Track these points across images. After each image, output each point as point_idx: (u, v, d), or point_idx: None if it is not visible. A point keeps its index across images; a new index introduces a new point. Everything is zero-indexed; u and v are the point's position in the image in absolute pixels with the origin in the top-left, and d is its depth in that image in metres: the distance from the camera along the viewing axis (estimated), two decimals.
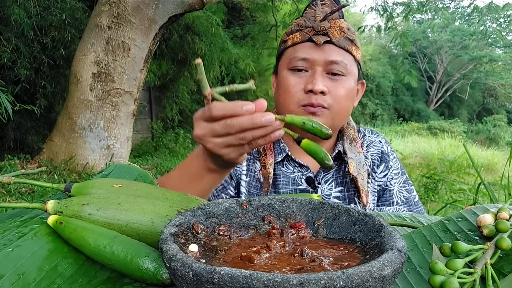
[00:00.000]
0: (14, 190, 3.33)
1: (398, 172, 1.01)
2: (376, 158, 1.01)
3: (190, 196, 0.57)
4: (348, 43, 0.90)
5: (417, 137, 14.38)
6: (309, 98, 0.87)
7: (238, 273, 0.28)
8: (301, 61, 0.89)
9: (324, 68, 0.88)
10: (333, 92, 0.88)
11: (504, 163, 8.57)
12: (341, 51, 0.89)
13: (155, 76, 6.36)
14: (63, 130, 4.09)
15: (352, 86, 0.91)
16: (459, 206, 2.82)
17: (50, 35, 4.47)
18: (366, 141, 1.03)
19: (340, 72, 0.89)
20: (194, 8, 4.32)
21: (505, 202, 0.61)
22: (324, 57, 0.88)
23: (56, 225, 0.46)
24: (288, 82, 0.90)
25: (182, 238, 0.38)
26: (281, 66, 0.94)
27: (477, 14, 16.57)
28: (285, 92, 0.91)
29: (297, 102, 0.89)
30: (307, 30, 0.90)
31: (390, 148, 1.04)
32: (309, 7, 0.93)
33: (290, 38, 0.92)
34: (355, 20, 20.10)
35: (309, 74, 0.89)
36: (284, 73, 0.92)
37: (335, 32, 0.88)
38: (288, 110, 0.90)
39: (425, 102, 23.20)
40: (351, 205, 0.96)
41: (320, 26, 0.88)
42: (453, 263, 0.38)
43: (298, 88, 0.89)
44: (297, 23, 0.93)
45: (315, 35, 0.88)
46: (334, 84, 0.89)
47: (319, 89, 0.86)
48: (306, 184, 0.95)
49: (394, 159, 1.02)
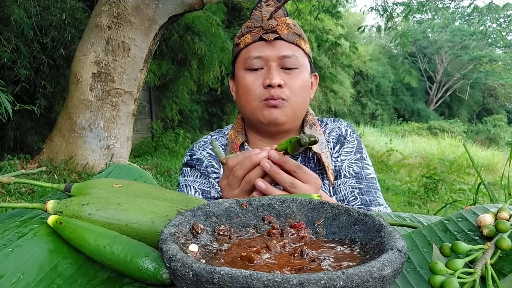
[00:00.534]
0: (14, 190, 3.34)
1: (351, 151, 1.03)
2: (334, 142, 1.04)
3: (190, 196, 0.57)
4: (296, 37, 0.96)
5: (417, 137, 14.39)
6: (268, 92, 0.92)
7: (238, 273, 0.28)
8: (255, 60, 0.93)
9: (278, 63, 0.93)
10: (290, 84, 0.93)
11: (504, 163, 8.58)
12: (291, 45, 0.95)
13: (155, 76, 6.36)
14: (63, 130, 4.09)
15: (306, 78, 0.97)
16: (459, 206, 2.82)
17: (50, 35, 4.47)
18: (328, 129, 1.06)
19: (294, 66, 0.94)
20: (194, 8, 4.32)
21: (505, 202, 0.61)
22: (276, 52, 0.93)
23: (56, 225, 0.46)
24: (246, 81, 0.95)
25: (182, 238, 0.38)
26: (238, 68, 0.98)
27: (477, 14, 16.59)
28: (245, 91, 0.95)
29: (258, 98, 0.93)
30: (256, 30, 0.95)
31: (350, 130, 1.06)
32: (255, 9, 0.98)
33: (242, 40, 0.97)
34: (355, 20, 20.07)
35: (265, 70, 0.94)
36: (241, 73, 0.96)
37: (283, 29, 0.94)
38: (251, 107, 0.94)
39: (425, 102, 23.21)
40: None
41: (268, 24, 0.94)
42: (453, 263, 0.38)
43: (257, 85, 0.93)
44: (246, 25, 0.98)
45: (265, 34, 0.94)
46: (289, 77, 0.93)
47: (276, 83, 0.90)
48: None
49: (351, 139, 1.04)
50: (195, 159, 1.04)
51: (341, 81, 15.15)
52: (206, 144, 1.07)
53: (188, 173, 1.04)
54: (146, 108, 7.82)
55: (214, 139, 1.08)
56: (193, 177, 1.02)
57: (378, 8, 7.76)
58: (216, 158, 1.03)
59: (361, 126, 15.59)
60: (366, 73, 18.58)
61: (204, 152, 1.04)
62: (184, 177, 1.04)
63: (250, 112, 0.96)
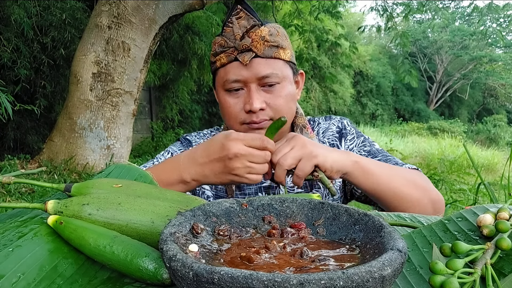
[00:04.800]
0: (14, 190, 3.33)
1: (353, 137, 1.04)
2: (334, 139, 1.03)
3: (190, 196, 0.57)
4: (274, 50, 0.90)
5: (417, 137, 14.38)
6: (250, 117, 0.90)
7: (238, 273, 0.28)
8: (234, 83, 0.91)
9: (257, 83, 0.90)
10: (272, 103, 0.91)
11: (504, 163, 8.57)
12: (269, 61, 0.90)
13: (155, 76, 6.36)
14: (63, 130, 4.09)
15: (289, 90, 0.94)
16: (459, 206, 2.82)
17: (50, 35, 4.47)
18: (322, 129, 1.05)
19: (274, 82, 0.90)
20: (194, 8, 4.31)
21: (505, 202, 0.61)
22: (254, 73, 0.89)
23: (56, 225, 0.46)
24: (227, 104, 0.93)
25: (182, 238, 0.38)
26: (218, 86, 0.97)
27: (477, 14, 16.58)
28: (227, 113, 0.94)
29: (240, 122, 0.92)
30: (230, 50, 0.90)
31: (346, 121, 1.07)
32: (226, 25, 0.92)
33: (217, 59, 0.94)
34: (355, 20, 20.07)
35: (245, 92, 0.91)
36: (222, 94, 0.94)
37: (258, 46, 0.89)
38: (234, 128, 0.93)
39: (425, 102, 23.20)
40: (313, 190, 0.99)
41: (242, 45, 0.89)
42: (453, 263, 0.38)
43: (237, 108, 0.91)
44: (219, 43, 0.93)
45: (240, 54, 0.89)
46: (271, 96, 0.91)
47: (257, 108, 0.89)
48: (269, 180, 0.96)
49: (350, 128, 1.05)
50: (186, 140, 1.06)
51: (341, 81, 15.15)
52: (205, 137, 1.07)
53: (176, 144, 1.06)
54: (146, 108, 7.82)
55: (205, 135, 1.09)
56: (177, 147, 1.04)
57: (378, 8, 7.76)
58: None
59: (361, 126, 15.58)
60: (366, 73, 18.57)
61: (200, 141, 1.05)
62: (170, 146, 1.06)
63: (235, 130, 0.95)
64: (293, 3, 7.36)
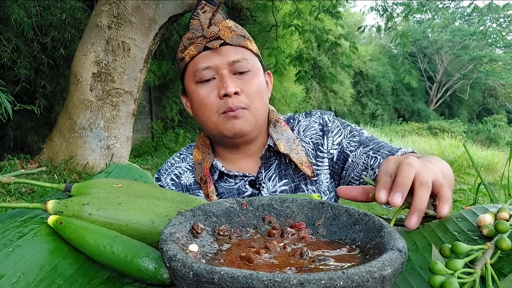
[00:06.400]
0: (14, 190, 3.33)
1: (339, 130, 0.98)
2: (317, 138, 0.98)
3: (190, 196, 0.57)
4: (241, 39, 0.91)
5: (417, 137, 14.38)
6: (226, 103, 0.87)
7: (238, 273, 0.28)
8: (205, 71, 0.89)
9: (229, 70, 0.89)
10: (246, 90, 0.89)
11: (504, 163, 8.57)
12: (238, 48, 0.90)
13: (155, 76, 6.36)
14: (63, 130, 4.09)
15: (261, 79, 0.93)
16: (459, 206, 2.82)
17: (50, 35, 4.47)
18: (302, 126, 1.01)
19: (245, 69, 0.90)
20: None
21: (505, 202, 0.61)
22: (225, 59, 0.88)
23: (56, 225, 0.47)
24: (200, 95, 0.90)
25: (182, 238, 0.38)
26: (188, 83, 0.93)
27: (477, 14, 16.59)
28: (201, 105, 0.90)
29: (217, 111, 0.89)
30: (199, 40, 0.90)
31: (328, 116, 1.01)
32: (192, 18, 0.93)
33: (186, 53, 0.92)
34: (355, 20, 20.07)
35: (218, 80, 0.89)
36: (193, 87, 0.91)
37: (226, 33, 0.90)
38: (212, 122, 0.90)
39: (425, 102, 23.20)
40: (298, 193, 0.94)
41: (210, 32, 0.89)
42: (453, 263, 0.38)
43: (212, 97, 0.89)
44: (187, 37, 0.93)
45: (208, 42, 0.89)
46: (244, 82, 0.89)
47: (232, 91, 0.86)
48: (250, 188, 0.95)
49: (333, 123, 0.99)
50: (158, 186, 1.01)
51: (341, 81, 15.15)
52: (173, 166, 1.01)
53: None
54: (146, 108, 7.82)
55: (182, 158, 1.02)
56: None
57: (378, 8, 7.76)
58: (178, 187, 0.98)
59: (361, 126, 15.56)
60: (366, 73, 18.58)
61: (168, 178, 0.99)
62: None
63: (212, 127, 0.91)
64: (293, 3, 7.37)
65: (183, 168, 1.00)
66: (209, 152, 0.98)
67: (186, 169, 1.00)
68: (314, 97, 14.31)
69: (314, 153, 0.97)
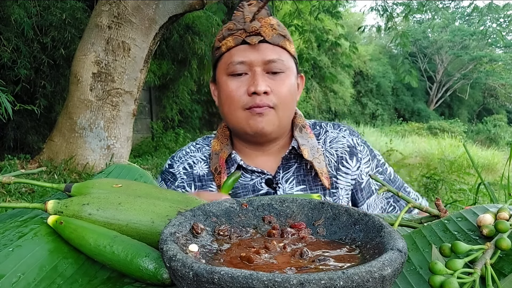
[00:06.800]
0: (14, 190, 3.33)
1: (368, 160, 0.98)
2: (343, 152, 0.97)
3: (190, 196, 0.57)
4: (281, 39, 0.90)
5: (417, 137, 14.38)
6: (253, 100, 0.87)
7: (238, 273, 0.28)
8: (239, 65, 0.88)
9: (263, 68, 0.88)
10: (276, 90, 0.88)
11: (504, 163, 8.57)
12: (276, 48, 0.89)
13: (155, 76, 6.36)
14: (63, 130, 4.09)
15: (293, 82, 0.92)
16: (459, 206, 2.82)
17: (50, 35, 4.47)
18: (329, 137, 1.00)
19: (279, 70, 0.89)
20: (194, 8, 4.31)
21: (505, 202, 0.61)
22: (261, 57, 0.88)
23: (56, 225, 0.47)
24: (229, 88, 0.89)
25: (182, 238, 0.38)
26: (219, 73, 0.93)
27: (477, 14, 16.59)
28: (228, 98, 0.90)
29: (242, 106, 0.88)
30: (239, 33, 0.89)
31: (356, 139, 1.00)
32: (237, 10, 0.93)
33: (223, 43, 0.91)
34: (355, 20, 20.06)
35: (249, 76, 0.88)
36: (224, 79, 0.91)
37: (267, 31, 0.89)
38: (235, 116, 0.89)
39: (425, 102, 23.20)
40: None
41: (251, 26, 0.88)
42: (453, 263, 0.38)
43: (240, 92, 0.88)
44: (227, 27, 0.92)
45: (248, 37, 0.88)
46: (275, 83, 0.89)
47: (262, 90, 0.86)
48: (266, 187, 0.94)
49: (362, 148, 0.99)
50: (170, 173, 0.98)
51: (341, 81, 15.14)
52: (188, 155, 0.99)
53: (162, 185, 0.99)
54: (146, 108, 7.82)
55: (198, 148, 1.01)
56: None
57: (378, 8, 7.76)
58: (190, 177, 0.96)
59: (361, 126, 15.59)
60: (366, 73, 18.57)
61: (181, 167, 0.98)
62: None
63: (234, 121, 0.91)
64: (293, 3, 7.36)
65: (197, 158, 0.99)
66: (227, 143, 0.97)
67: (201, 159, 0.99)
68: (314, 97, 14.30)
69: (337, 165, 0.96)
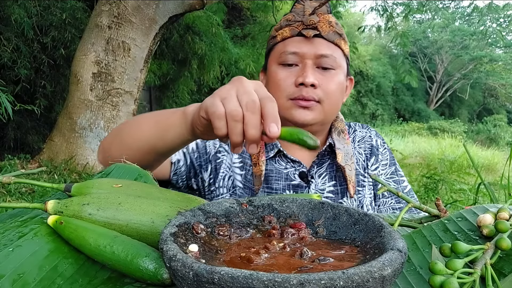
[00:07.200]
0: (14, 190, 3.33)
1: (386, 164, 1.00)
2: (367, 152, 1.00)
3: (190, 196, 0.57)
4: (337, 37, 0.90)
5: (417, 137, 14.39)
6: (300, 91, 0.87)
7: (238, 273, 0.28)
8: (291, 55, 0.89)
9: (314, 62, 0.88)
10: (324, 85, 0.88)
11: (504, 163, 8.57)
12: (330, 45, 0.89)
13: (155, 76, 6.36)
14: (63, 130, 4.09)
15: (342, 80, 0.92)
16: (459, 206, 2.82)
17: (50, 35, 4.47)
18: (358, 136, 1.02)
19: (330, 66, 0.89)
20: (195, 8, 4.32)
21: (505, 202, 0.61)
22: (314, 50, 0.88)
23: (56, 225, 0.46)
24: (278, 76, 0.90)
25: (182, 238, 0.38)
26: (271, 61, 0.94)
27: (477, 14, 16.59)
28: (275, 86, 0.90)
29: (287, 96, 0.88)
30: (296, 24, 0.90)
31: (381, 141, 1.03)
32: (298, 2, 0.94)
33: (279, 33, 0.92)
34: (355, 20, 20.08)
35: (299, 68, 0.89)
36: (274, 68, 0.91)
37: (324, 26, 0.89)
38: (279, 104, 0.84)
39: (425, 102, 23.20)
40: (343, 199, 0.95)
41: (309, 20, 0.89)
42: (453, 263, 0.38)
43: (288, 82, 0.88)
44: (286, 18, 0.93)
45: (304, 29, 0.89)
46: (324, 78, 0.88)
47: (310, 82, 0.85)
48: (299, 179, 0.94)
49: (384, 151, 1.01)
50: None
51: None
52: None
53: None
54: (146, 108, 7.82)
55: None
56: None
57: (378, 8, 7.76)
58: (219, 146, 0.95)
59: None
60: (366, 73, 18.57)
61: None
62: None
63: (278, 109, 0.90)
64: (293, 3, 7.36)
65: None
66: None
67: None
68: None
69: (365, 164, 0.98)
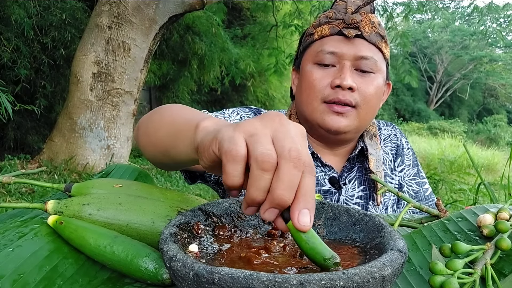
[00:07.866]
0: (14, 190, 3.33)
1: (410, 164, 0.97)
2: (393, 152, 0.97)
3: (190, 196, 0.57)
4: (379, 39, 0.85)
5: (418, 137, 14.38)
6: (336, 93, 0.81)
7: (238, 273, 0.28)
8: (328, 55, 0.82)
9: (353, 64, 0.82)
10: (362, 89, 0.82)
11: (504, 163, 8.58)
12: (371, 46, 0.83)
13: (155, 76, 6.36)
14: (63, 130, 4.09)
15: (381, 85, 0.86)
16: (459, 206, 2.82)
17: (50, 35, 4.46)
18: (383, 135, 0.99)
19: (370, 69, 0.83)
20: (195, 8, 4.31)
21: (505, 202, 0.61)
22: (354, 51, 0.82)
23: (56, 225, 0.46)
24: (313, 77, 0.83)
25: (183, 238, 0.38)
26: (305, 60, 0.87)
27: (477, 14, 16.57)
28: (309, 87, 0.84)
29: (322, 98, 0.82)
30: (337, 22, 0.83)
31: (405, 140, 1.00)
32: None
33: (317, 30, 0.86)
34: None
35: (337, 69, 0.83)
36: (309, 67, 0.85)
37: (366, 26, 0.83)
38: (312, 106, 0.83)
39: (425, 102, 23.20)
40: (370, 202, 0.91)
41: (351, 18, 0.82)
42: (453, 263, 0.38)
43: (324, 83, 0.82)
44: (325, 15, 0.86)
45: (345, 28, 0.82)
46: (363, 81, 0.82)
47: (348, 84, 0.79)
48: (329, 184, 0.90)
49: (408, 151, 0.99)
50: (258, 111, 0.95)
51: None
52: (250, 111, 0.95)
53: (245, 110, 0.94)
54: (147, 108, 7.81)
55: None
56: (245, 112, 0.93)
57: (378, 8, 7.76)
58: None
59: None
60: None
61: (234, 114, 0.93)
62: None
63: (309, 111, 0.84)
64: (293, 3, 7.36)
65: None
66: None
67: None
68: None
69: (391, 165, 0.96)
